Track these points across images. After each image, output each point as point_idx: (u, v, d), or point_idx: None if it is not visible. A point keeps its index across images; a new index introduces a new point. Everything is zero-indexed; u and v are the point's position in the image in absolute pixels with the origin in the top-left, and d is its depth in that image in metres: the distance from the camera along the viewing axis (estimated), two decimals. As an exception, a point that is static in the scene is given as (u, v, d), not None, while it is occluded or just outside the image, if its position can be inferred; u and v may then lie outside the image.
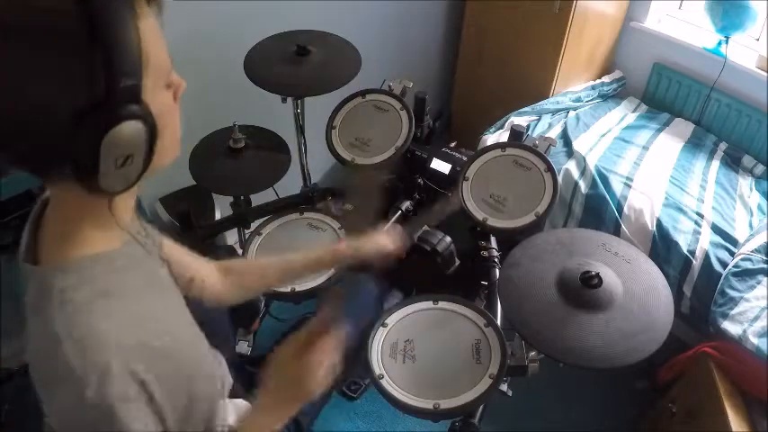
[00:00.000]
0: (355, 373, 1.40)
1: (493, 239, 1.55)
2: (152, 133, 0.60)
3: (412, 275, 1.59)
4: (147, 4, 0.60)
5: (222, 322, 1.31)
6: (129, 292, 0.68)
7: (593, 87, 2.49)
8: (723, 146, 2.30)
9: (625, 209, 1.92)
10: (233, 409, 1.02)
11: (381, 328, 1.16)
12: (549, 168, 1.41)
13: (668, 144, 2.25)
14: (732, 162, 2.24)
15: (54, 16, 0.53)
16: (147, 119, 0.58)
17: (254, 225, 1.52)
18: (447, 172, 1.62)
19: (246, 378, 1.19)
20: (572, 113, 2.36)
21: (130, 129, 0.57)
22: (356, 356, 1.21)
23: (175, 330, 0.72)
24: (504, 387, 1.27)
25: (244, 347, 1.62)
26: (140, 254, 0.75)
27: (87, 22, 0.53)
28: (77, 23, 0.53)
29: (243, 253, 1.39)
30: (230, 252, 1.55)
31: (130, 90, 0.56)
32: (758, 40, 2.29)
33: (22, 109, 0.54)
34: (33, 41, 0.53)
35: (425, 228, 1.54)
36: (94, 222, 0.67)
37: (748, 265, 1.69)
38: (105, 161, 0.57)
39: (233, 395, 1.04)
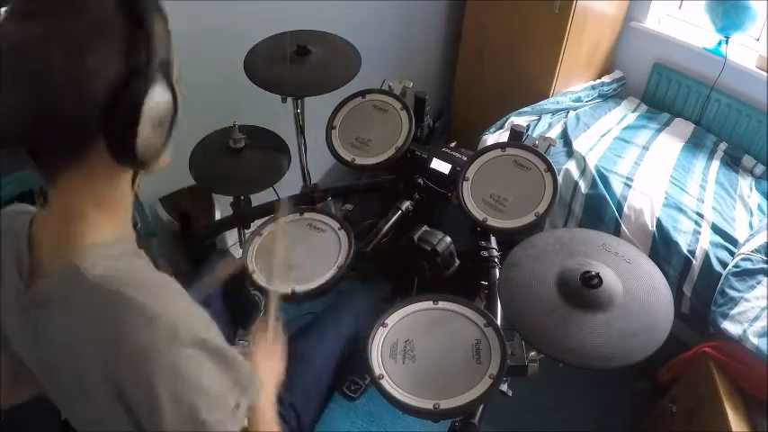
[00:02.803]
0: (356, 373, 1.40)
1: (493, 239, 1.54)
2: (176, 107, 0.66)
3: (412, 275, 1.59)
4: None
5: (221, 322, 1.31)
6: (146, 265, 0.70)
7: (593, 87, 2.49)
8: (723, 146, 2.30)
9: (625, 209, 1.92)
10: None
11: (381, 328, 1.16)
12: (549, 168, 1.41)
13: (668, 144, 2.25)
14: (732, 162, 2.24)
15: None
16: (174, 92, 0.65)
17: (253, 225, 1.52)
18: (447, 172, 1.62)
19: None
20: (572, 113, 2.36)
21: (166, 96, 0.64)
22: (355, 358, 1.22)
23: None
24: (504, 387, 1.26)
25: (244, 347, 1.62)
26: (136, 249, 0.75)
27: (131, 10, 0.61)
28: (125, 8, 0.61)
29: (243, 253, 1.39)
30: (223, 256, 1.55)
31: (165, 64, 0.65)
32: (758, 40, 2.29)
33: (70, 76, 0.59)
34: (91, 19, 0.59)
35: (425, 228, 1.54)
36: (101, 209, 0.68)
37: (748, 265, 1.69)
38: (144, 122, 0.62)
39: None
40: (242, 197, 1.60)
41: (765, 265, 1.68)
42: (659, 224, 1.85)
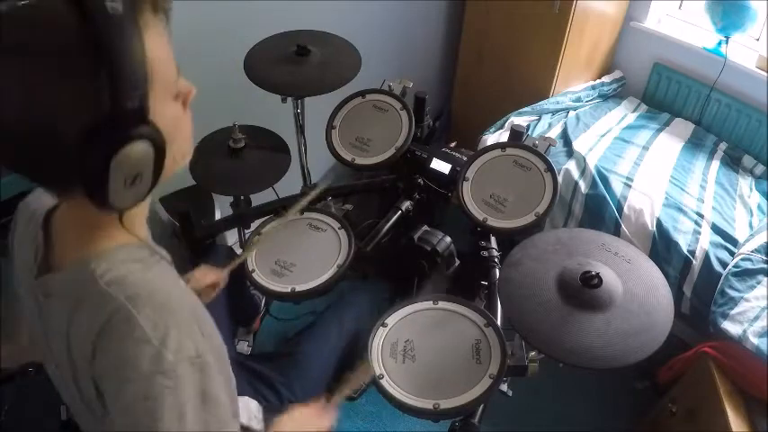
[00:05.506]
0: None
1: (493, 239, 1.54)
2: (160, 152, 0.59)
3: (412, 275, 1.59)
4: (154, 14, 0.59)
5: (222, 321, 1.31)
6: (161, 274, 0.69)
7: (593, 87, 2.49)
8: (723, 146, 2.30)
9: (625, 209, 1.92)
10: (241, 408, 1.03)
11: (381, 327, 1.16)
12: (549, 168, 1.41)
13: (668, 144, 2.25)
14: (732, 162, 2.24)
15: (57, 35, 0.53)
16: (154, 138, 0.58)
17: (253, 225, 1.52)
18: (447, 172, 1.62)
19: (249, 376, 1.19)
20: (572, 113, 2.36)
21: (138, 149, 0.56)
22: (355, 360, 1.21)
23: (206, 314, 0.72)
24: (504, 387, 1.27)
25: (244, 347, 1.62)
26: (154, 253, 0.75)
27: (91, 40, 0.52)
28: (81, 42, 0.52)
29: (243, 253, 1.39)
30: (229, 253, 1.55)
31: (137, 110, 0.55)
32: (758, 40, 2.29)
33: (29, 127, 0.54)
34: (37, 60, 0.53)
35: (425, 228, 1.54)
36: (113, 218, 0.67)
37: (748, 265, 1.69)
38: (114, 180, 0.56)
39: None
40: (242, 197, 1.60)
41: (765, 265, 1.68)
42: (659, 224, 1.85)
